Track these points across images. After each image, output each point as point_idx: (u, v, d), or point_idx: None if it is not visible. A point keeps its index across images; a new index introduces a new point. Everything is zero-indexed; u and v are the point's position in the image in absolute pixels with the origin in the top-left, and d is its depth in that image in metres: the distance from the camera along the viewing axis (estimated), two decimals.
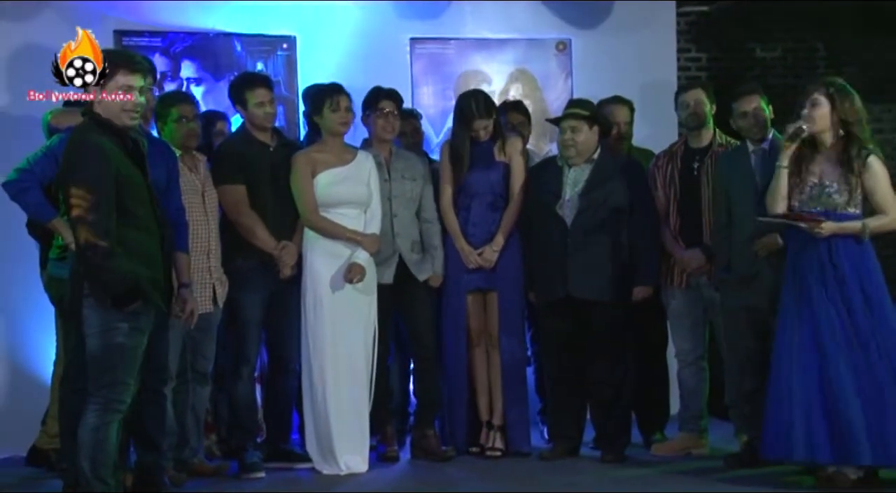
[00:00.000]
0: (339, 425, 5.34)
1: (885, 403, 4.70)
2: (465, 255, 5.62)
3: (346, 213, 5.42)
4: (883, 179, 4.85)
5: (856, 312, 4.78)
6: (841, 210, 4.85)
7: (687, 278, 5.63)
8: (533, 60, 7.06)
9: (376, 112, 5.60)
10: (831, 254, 4.82)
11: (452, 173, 5.67)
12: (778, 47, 7.85)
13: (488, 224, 5.66)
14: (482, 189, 5.66)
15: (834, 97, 4.85)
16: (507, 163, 5.68)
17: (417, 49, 6.89)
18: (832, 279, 4.81)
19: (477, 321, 5.70)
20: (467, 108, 5.67)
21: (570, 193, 5.54)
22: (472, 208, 5.66)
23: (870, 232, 4.82)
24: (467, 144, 5.65)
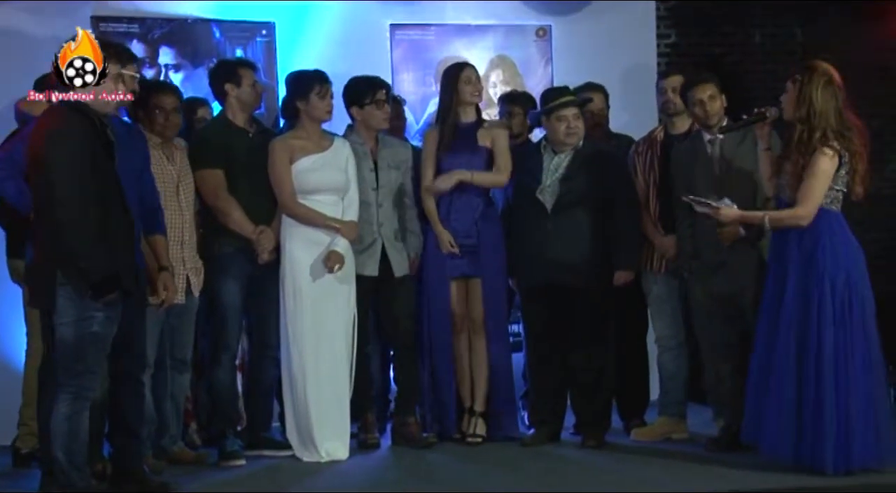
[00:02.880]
0: (319, 412, 5.29)
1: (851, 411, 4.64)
2: (442, 240, 5.56)
3: (324, 199, 5.37)
4: (816, 169, 4.66)
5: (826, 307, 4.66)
6: (791, 200, 4.74)
7: (667, 264, 5.60)
8: (513, 47, 7.02)
9: (373, 103, 5.53)
10: (811, 249, 4.71)
11: (436, 158, 5.61)
12: (757, 33, 7.79)
13: (471, 210, 5.60)
14: None
15: (800, 84, 4.73)
16: (490, 148, 5.61)
17: (398, 35, 6.83)
18: (809, 273, 4.70)
19: (461, 308, 5.65)
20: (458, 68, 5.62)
21: (550, 179, 5.50)
22: (453, 194, 5.60)
23: (770, 223, 4.71)
24: (455, 118, 5.57)
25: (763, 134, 4.91)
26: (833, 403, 4.61)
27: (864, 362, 4.68)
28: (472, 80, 5.63)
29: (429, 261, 5.64)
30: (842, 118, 4.72)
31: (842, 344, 4.65)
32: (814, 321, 4.67)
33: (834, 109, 4.71)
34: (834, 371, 4.63)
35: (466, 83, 5.61)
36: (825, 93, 4.70)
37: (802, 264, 4.71)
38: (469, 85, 5.62)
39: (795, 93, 4.74)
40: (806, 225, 4.67)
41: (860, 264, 4.76)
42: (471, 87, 5.62)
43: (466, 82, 5.61)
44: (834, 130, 4.69)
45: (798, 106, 4.72)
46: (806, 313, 4.69)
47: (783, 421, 4.67)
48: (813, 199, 4.66)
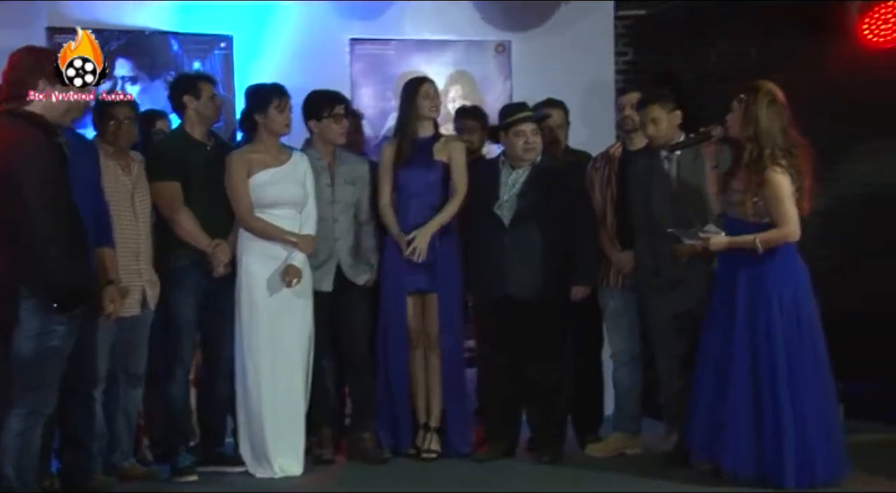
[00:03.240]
0: (273, 427, 5.25)
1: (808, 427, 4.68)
2: (400, 242, 5.52)
3: (282, 213, 5.34)
4: (780, 191, 4.72)
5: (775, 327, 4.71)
6: (751, 219, 4.79)
7: (623, 279, 5.61)
8: (472, 62, 7.01)
9: (331, 116, 5.51)
10: (758, 269, 4.75)
11: (393, 171, 5.60)
12: (713, 52, 7.84)
13: (424, 220, 5.56)
14: (420, 189, 5.61)
15: (746, 104, 4.79)
16: (447, 163, 5.61)
17: (357, 49, 6.81)
18: (757, 294, 4.75)
19: (417, 323, 5.62)
20: (418, 83, 5.63)
21: (508, 194, 5.51)
22: (410, 208, 5.60)
23: (763, 245, 4.74)
24: (413, 132, 5.57)
25: (709, 153, 4.96)
26: (791, 420, 4.65)
27: (816, 379, 4.73)
28: (430, 94, 5.64)
29: (385, 276, 5.61)
30: (787, 136, 4.79)
31: (795, 362, 4.68)
32: (764, 340, 4.71)
33: (779, 128, 4.77)
34: (789, 388, 4.67)
35: (425, 98, 5.61)
36: (770, 112, 4.77)
37: (750, 284, 4.76)
38: (428, 99, 5.62)
39: (741, 112, 4.80)
40: (797, 239, 4.74)
41: (806, 284, 4.81)
42: (429, 101, 5.62)
43: (425, 97, 5.61)
44: (781, 148, 4.75)
45: (745, 125, 4.78)
46: (756, 332, 4.72)
47: (743, 439, 4.70)
48: (791, 216, 4.73)
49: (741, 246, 4.78)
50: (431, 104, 5.63)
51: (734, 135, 4.85)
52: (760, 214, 4.78)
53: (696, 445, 4.90)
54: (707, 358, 4.86)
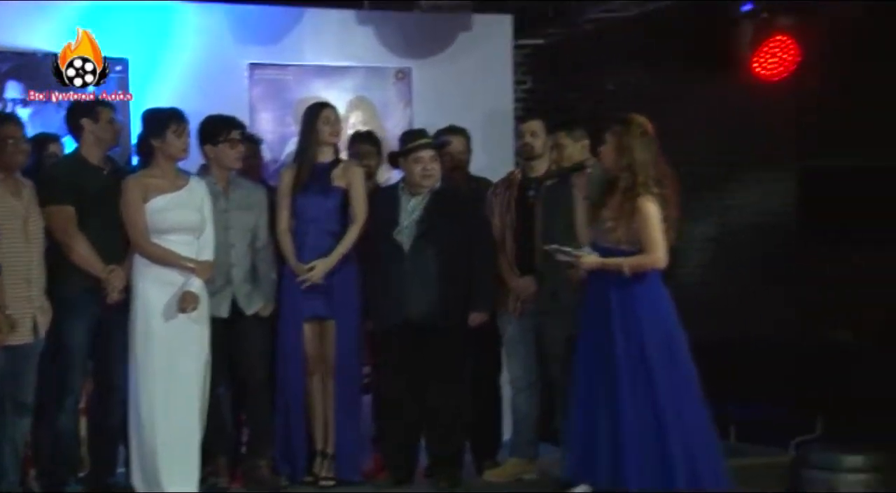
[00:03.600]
0: (167, 456, 5.15)
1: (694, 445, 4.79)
2: (298, 271, 5.48)
3: (178, 239, 5.25)
4: (649, 219, 4.83)
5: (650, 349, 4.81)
6: (623, 246, 4.90)
7: (522, 305, 5.64)
8: (372, 88, 7.04)
9: (227, 141, 5.47)
10: (628, 295, 4.86)
11: (292, 197, 5.56)
12: (609, 81, 7.99)
13: (324, 251, 5.54)
14: (319, 215, 5.57)
15: (619, 136, 4.91)
16: (346, 189, 5.60)
17: (256, 75, 6.79)
18: (629, 316, 4.86)
19: (314, 349, 5.58)
20: (319, 108, 5.63)
21: (407, 220, 5.52)
22: (308, 234, 5.56)
23: (629, 269, 4.85)
24: (313, 157, 5.56)
25: (581, 184, 5.08)
26: (678, 438, 4.76)
27: (694, 400, 4.85)
28: (331, 120, 5.62)
29: (283, 302, 5.55)
30: (658, 167, 4.90)
31: (673, 382, 4.80)
32: (640, 362, 4.81)
33: (651, 159, 4.89)
34: (672, 406, 4.78)
35: (325, 123, 5.60)
36: (642, 143, 4.89)
37: (621, 307, 4.87)
38: (328, 125, 5.60)
39: (615, 144, 4.92)
40: (664, 266, 4.85)
41: (671, 310, 4.92)
42: (329, 127, 5.61)
43: (325, 122, 5.60)
44: (652, 178, 4.86)
45: (619, 156, 4.91)
46: (632, 354, 4.82)
47: (642, 457, 4.78)
48: (659, 241, 4.84)
49: (610, 268, 4.89)
50: (332, 130, 5.62)
51: (608, 166, 4.98)
52: (631, 241, 4.88)
53: (574, 466, 4.97)
54: (583, 380, 4.95)
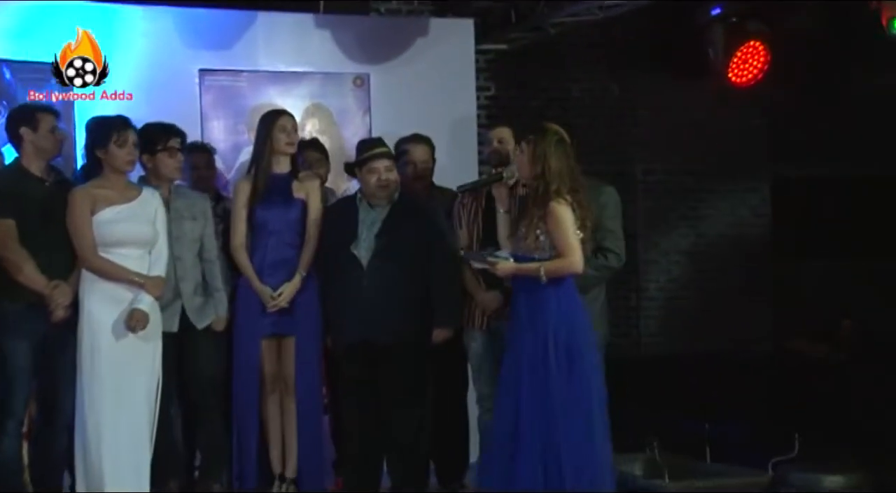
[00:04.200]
0: (115, 482, 5.05)
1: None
2: (264, 298, 5.47)
3: (129, 253, 5.16)
4: (562, 222, 4.88)
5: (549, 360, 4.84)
6: (538, 254, 4.91)
7: (488, 321, 5.58)
8: (329, 95, 7.00)
9: (165, 150, 5.41)
10: (529, 297, 4.91)
11: (249, 210, 5.54)
12: (575, 87, 8.03)
13: (287, 265, 5.53)
14: (280, 227, 5.55)
15: (534, 144, 4.94)
16: (306, 201, 5.58)
17: (207, 81, 6.72)
18: (539, 333, 4.88)
19: (272, 368, 5.55)
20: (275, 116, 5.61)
21: (366, 233, 5.48)
22: (268, 247, 5.53)
23: (546, 274, 4.87)
24: (268, 168, 5.53)
25: (501, 195, 5.10)
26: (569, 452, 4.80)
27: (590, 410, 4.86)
28: (287, 128, 5.57)
29: (239, 318, 5.51)
30: (574, 177, 4.95)
31: (573, 392, 4.82)
32: (542, 372, 4.84)
33: (566, 168, 4.92)
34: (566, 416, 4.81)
35: (281, 131, 5.55)
36: (558, 152, 4.93)
37: (531, 323, 4.90)
38: (284, 133, 5.55)
39: (530, 153, 4.94)
40: (582, 270, 4.90)
41: (584, 321, 4.96)
42: (285, 135, 5.56)
43: (281, 130, 5.55)
44: (567, 186, 4.91)
45: (533, 164, 4.93)
46: (536, 370, 4.86)
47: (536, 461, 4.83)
48: (574, 246, 4.89)
49: (526, 273, 4.91)
50: (288, 139, 5.56)
51: (523, 175, 5.02)
52: (544, 247, 4.91)
53: (488, 473, 5.01)
54: (502, 388, 5.01)
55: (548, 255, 4.91)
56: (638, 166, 8.20)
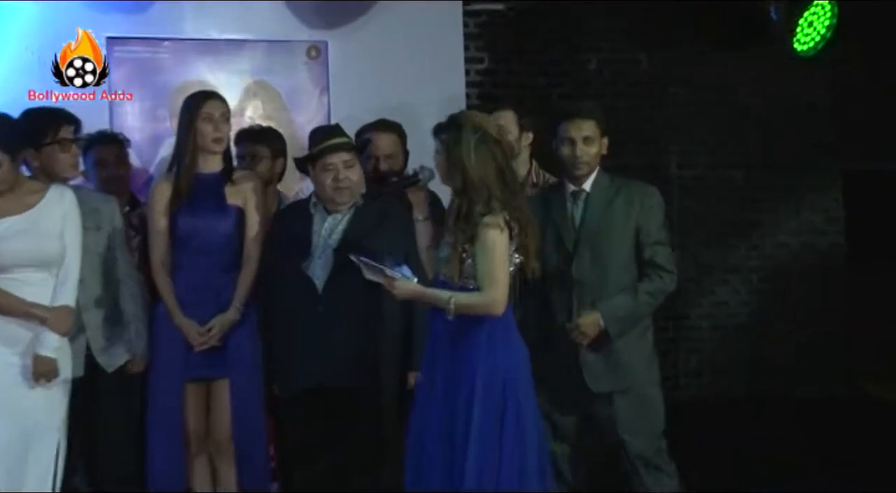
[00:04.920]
0: None
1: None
2: (189, 333, 5.52)
3: (27, 278, 5.12)
4: (490, 252, 4.85)
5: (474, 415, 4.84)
6: (458, 282, 4.89)
7: None
8: (276, 70, 7.06)
9: (55, 143, 5.40)
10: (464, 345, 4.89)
11: (170, 219, 5.57)
12: (593, 59, 8.01)
13: (218, 290, 5.59)
14: (210, 243, 5.60)
15: (448, 145, 4.91)
16: (242, 208, 5.62)
17: (117, 52, 6.74)
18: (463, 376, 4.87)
19: (198, 422, 5.60)
20: (199, 100, 5.64)
21: (322, 247, 5.50)
22: (197, 268, 5.59)
23: (456, 309, 4.83)
24: (192, 166, 5.57)
25: (419, 201, 5.16)
26: None
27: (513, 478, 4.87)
28: (214, 117, 5.61)
29: (156, 356, 5.56)
30: (506, 182, 4.88)
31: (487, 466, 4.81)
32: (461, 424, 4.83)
33: (494, 173, 4.85)
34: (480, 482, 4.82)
35: (206, 121, 5.59)
36: (479, 154, 4.85)
37: (452, 361, 4.88)
38: (210, 124, 5.59)
39: (444, 157, 4.91)
40: (501, 312, 4.86)
41: (523, 364, 4.95)
42: (212, 126, 5.59)
43: (207, 120, 5.58)
44: (499, 198, 4.84)
45: (449, 173, 4.90)
46: (456, 412, 4.84)
47: None
48: (498, 279, 4.84)
49: (432, 301, 4.92)
50: (216, 132, 5.59)
51: (444, 182, 4.99)
52: (469, 275, 4.89)
53: None
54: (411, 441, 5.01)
55: (473, 285, 4.87)
56: (672, 159, 8.24)
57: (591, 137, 5.49)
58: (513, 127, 5.84)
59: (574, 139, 5.48)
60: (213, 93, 5.84)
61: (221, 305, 5.55)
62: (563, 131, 5.51)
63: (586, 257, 5.45)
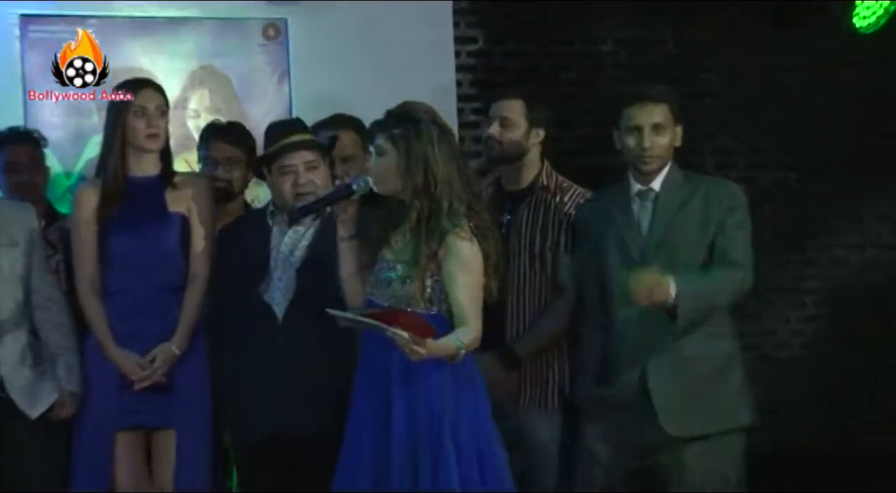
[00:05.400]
0: None
1: None
2: (126, 367, 5.48)
3: None
4: (466, 271, 4.89)
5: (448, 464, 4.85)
6: (414, 306, 4.89)
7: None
8: (227, 53, 7.11)
9: None
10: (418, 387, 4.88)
11: (99, 232, 5.56)
12: (608, 39, 7.95)
13: (162, 316, 5.57)
14: (147, 261, 5.58)
15: (406, 141, 4.92)
16: (187, 216, 5.63)
17: (33, 32, 6.83)
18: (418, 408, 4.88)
19: (133, 478, 5.56)
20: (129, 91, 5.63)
21: (282, 266, 5.49)
22: (134, 292, 5.57)
23: (427, 353, 4.75)
24: (121, 169, 5.55)
25: (347, 216, 5.07)
26: None
27: None
28: (148, 110, 5.60)
29: (84, 398, 5.53)
30: (467, 183, 4.93)
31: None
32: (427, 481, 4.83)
33: (455, 171, 4.91)
34: None
35: (139, 115, 5.57)
36: (443, 149, 4.90)
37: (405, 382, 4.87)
38: (144, 118, 5.57)
39: (401, 155, 4.88)
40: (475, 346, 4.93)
41: (484, 402, 4.99)
42: (146, 121, 5.57)
43: (139, 114, 5.58)
44: (463, 201, 4.90)
45: (409, 172, 4.87)
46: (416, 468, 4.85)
47: None
48: (476, 307, 4.91)
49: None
50: (150, 125, 5.59)
51: (388, 189, 4.94)
52: (431, 299, 4.91)
53: None
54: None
55: (434, 311, 4.88)
56: (708, 158, 8.25)
57: (662, 125, 5.44)
58: (520, 121, 5.84)
59: (641, 127, 5.44)
60: (146, 81, 5.83)
61: (166, 333, 5.54)
62: (627, 118, 5.47)
63: (660, 260, 5.37)
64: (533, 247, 5.83)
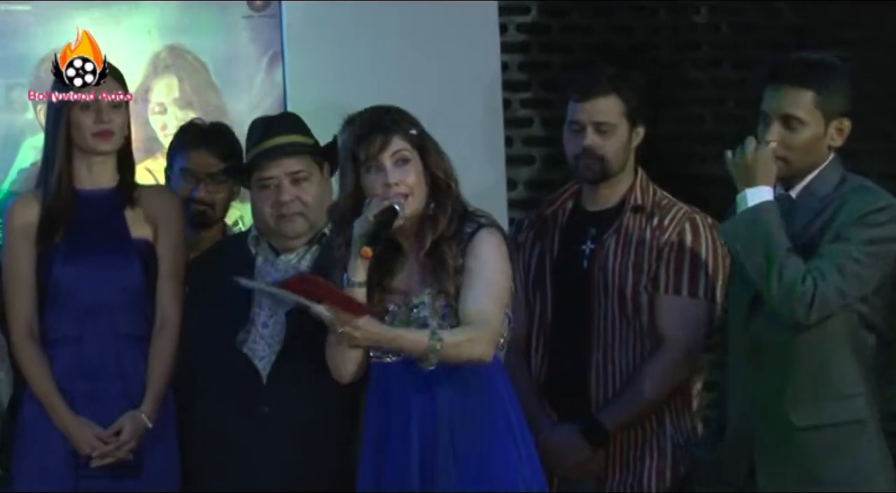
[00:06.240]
0: None
1: None
2: (83, 442, 5.59)
3: None
4: (487, 265, 5.08)
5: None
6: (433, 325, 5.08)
7: (559, 480, 5.78)
8: (201, 30, 7.27)
9: None
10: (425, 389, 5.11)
11: (39, 262, 5.68)
12: (703, 7, 8.03)
13: (120, 374, 5.68)
14: (103, 299, 5.68)
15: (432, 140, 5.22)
16: (150, 242, 5.73)
17: None
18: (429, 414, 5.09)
19: None
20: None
21: (268, 308, 5.58)
22: (82, 341, 5.67)
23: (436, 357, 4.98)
24: (64, 179, 5.67)
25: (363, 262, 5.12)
26: None
27: None
28: (102, 105, 5.73)
29: (16, 478, 5.66)
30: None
31: None
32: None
33: None
34: None
35: (87, 108, 5.71)
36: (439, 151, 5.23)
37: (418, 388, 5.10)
38: (93, 112, 5.69)
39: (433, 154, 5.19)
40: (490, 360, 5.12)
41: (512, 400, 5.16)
42: (95, 115, 5.68)
43: (87, 107, 5.71)
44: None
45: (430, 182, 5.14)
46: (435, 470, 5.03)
47: None
48: (499, 308, 5.14)
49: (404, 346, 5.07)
50: (101, 120, 5.70)
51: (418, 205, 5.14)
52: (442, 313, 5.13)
53: None
54: None
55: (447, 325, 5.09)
56: None
57: (800, 119, 5.38)
58: (620, 122, 5.91)
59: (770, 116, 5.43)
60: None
61: (132, 395, 5.65)
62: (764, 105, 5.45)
63: None
64: (624, 287, 5.90)
